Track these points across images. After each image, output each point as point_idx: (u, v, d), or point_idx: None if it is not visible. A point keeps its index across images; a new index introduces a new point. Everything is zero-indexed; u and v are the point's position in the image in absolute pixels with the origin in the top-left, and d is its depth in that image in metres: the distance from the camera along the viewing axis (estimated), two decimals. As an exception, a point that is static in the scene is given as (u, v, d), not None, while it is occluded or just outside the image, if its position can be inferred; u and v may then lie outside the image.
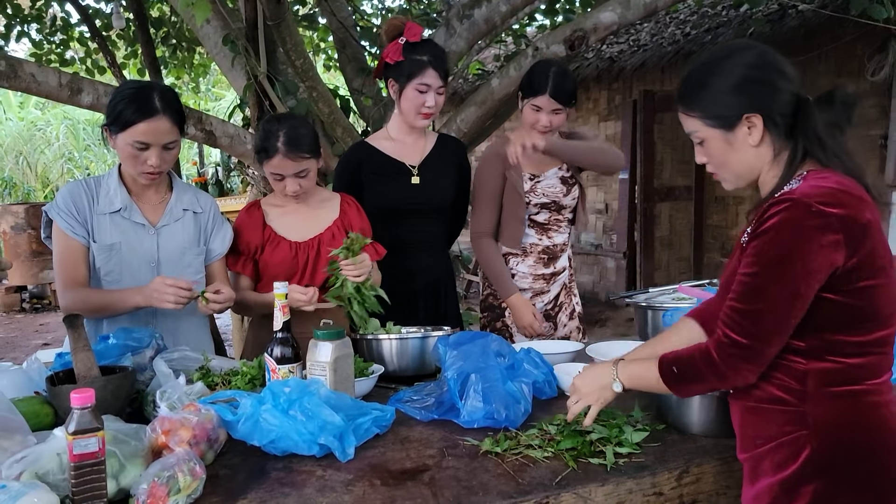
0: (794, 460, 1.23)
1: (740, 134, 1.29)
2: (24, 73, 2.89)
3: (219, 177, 6.87)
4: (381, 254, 2.25)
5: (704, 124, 1.33)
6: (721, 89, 1.29)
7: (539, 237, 2.58)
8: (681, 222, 6.85)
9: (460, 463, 1.41)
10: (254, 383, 1.73)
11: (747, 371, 1.24)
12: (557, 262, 2.62)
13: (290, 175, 2.09)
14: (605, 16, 3.30)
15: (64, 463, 1.20)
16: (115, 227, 1.98)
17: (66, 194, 1.97)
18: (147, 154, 1.89)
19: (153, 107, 1.87)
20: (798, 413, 1.24)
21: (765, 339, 1.21)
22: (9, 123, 13.78)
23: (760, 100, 1.27)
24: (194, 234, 2.07)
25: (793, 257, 1.18)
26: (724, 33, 5.56)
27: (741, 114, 1.28)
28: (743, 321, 1.22)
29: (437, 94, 2.32)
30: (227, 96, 13.14)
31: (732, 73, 1.29)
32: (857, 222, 1.19)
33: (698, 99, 1.33)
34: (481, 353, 1.68)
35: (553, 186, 2.54)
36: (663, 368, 1.33)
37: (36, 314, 8.45)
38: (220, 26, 3.49)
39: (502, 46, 5.57)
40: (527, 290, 2.59)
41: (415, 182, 2.39)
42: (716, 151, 1.34)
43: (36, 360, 1.75)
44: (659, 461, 1.41)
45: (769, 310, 1.20)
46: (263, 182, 3.69)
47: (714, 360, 1.25)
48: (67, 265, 1.95)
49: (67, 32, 6.12)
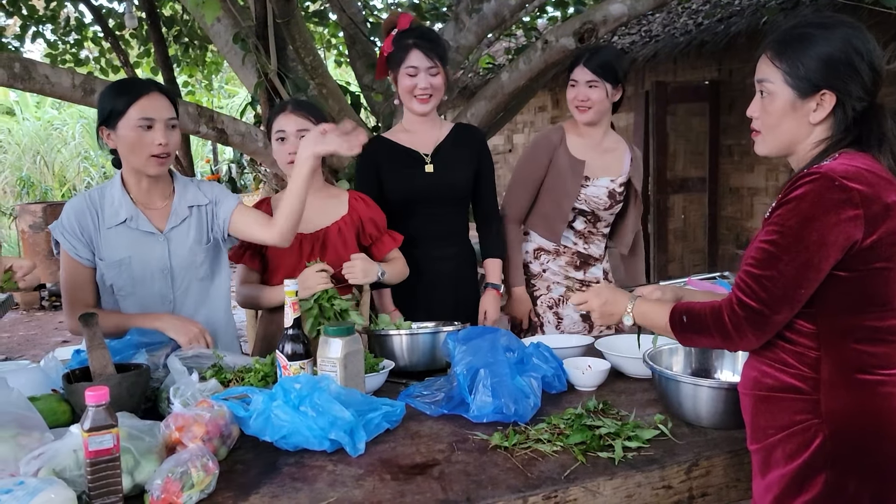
0: (805, 449, 1.24)
1: (808, 106, 1.29)
2: (38, 75, 2.92)
3: (232, 174, 6.93)
4: (399, 240, 2.28)
5: (784, 79, 1.30)
6: (816, 55, 1.27)
7: (575, 241, 2.57)
8: (695, 214, 6.80)
9: (470, 457, 1.42)
10: (266, 380, 1.75)
11: (752, 335, 1.26)
12: (590, 271, 2.59)
13: (292, 132, 2.13)
14: (614, 7, 3.28)
15: (80, 459, 1.22)
16: (122, 239, 1.96)
17: (70, 213, 1.96)
18: (153, 134, 1.88)
19: (146, 84, 1.95)
20: (811, 401, 1.25)
21: (773, 305, 1.23)
22: (26, 123, 13.93)
23: (842, 82, 1.26)
24: (200, 229, 2.05)
25: (810, 227, 1.19)
26: (736, 22, 5.50)
27: (820, 87, 1.27)
28: (755, 285, 1.24)
29: (428, 76, 2.30)
30: (240, 93, 13.19)
31: (833, 45, 1.26)
32: (880, 201, 1.19)
33: (792, 54, 1.29)
34: (490, 347, 1.69)
35: (597, 196, 2.50)
36: (674, 315, 1.37)
37: (55, 312, 8.55)
38: (230, 24, 3.52)
39: (512, 39, 5.55)
40: (560, 287, 2.57)
41: (428, 170, 2.39)
42: (775, 109, 1.32)
43: (53, 358, 1.78)
44: (668, 454, 1.42)
45: (781, 276, 1.21)
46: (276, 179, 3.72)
47: (722, 319, 1.27)
48: (74, 288, 1.97)
49: (81, 32, 6.19)
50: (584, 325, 2.57)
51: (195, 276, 2.04)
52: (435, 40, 2.36)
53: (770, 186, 5.97)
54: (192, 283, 2.04)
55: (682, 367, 1.74)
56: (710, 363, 1.75)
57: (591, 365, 1.84)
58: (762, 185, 6.05)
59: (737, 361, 1.71)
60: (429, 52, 2.29)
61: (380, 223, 2.28)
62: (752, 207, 6.32)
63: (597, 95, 2.39)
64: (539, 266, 2.60)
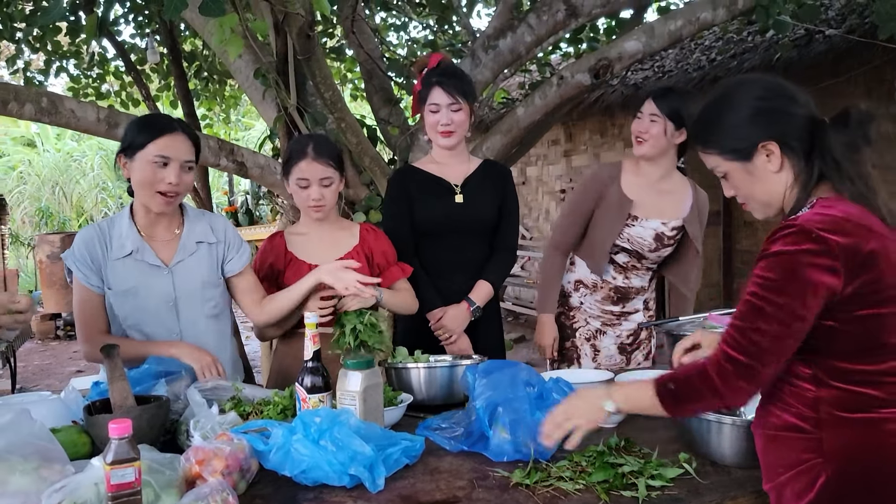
0: (811, 488, 1.23)
1: (759, 162, 1.32)
2: (65, 109, 2.98)
3: (249, 206, 6.98)
4: (408, 272, 2.28)
5: (724, 159, 1.36)
6: (733, 123, 1.33)
7: (615, 275, 2.55)
8: (710, 247, 6.77)
9: (491, 495, 1.40)
10: (285, 413, 1.75)
11: (743, 390, 1.25)
12: (629, 303, 2.58)
13: (315, 180, 2.14)
14: (629, 44, 3.32)
15: (101, 493, 1.22)
16: (128, 271, 1.97)
17: (80, 242, 1.98)
18: (166, 172, 1.91)
19: (172, 123, 1.97)
20: (815, 440, 1.24)
21: (761, 358, 1.23)
22: (46, 155, 14.20)
23: (774, 127, 1.30)
24: (210, 267, 2.05)
25: (790, 279, 1.21)
26: (749, 59, 5.54)
27: (757, 143, 1.31)
28: (742, 339, 1.24)
29: (450, 112, 2.34)
30: (256, 126, 13.41)
31: (742, 105, 1.32)
32: (860, 251, 1.20)
33: (713, 135, 1.36)
34: (510, 382, 1.68)
35: (642, 237, 2.48)
36: (659, 388, 1.32)
37: (70, 341, 8.60)
38: (251, 60, 3.59)
39: (527, 74, 5.62)
40: (596, 321, 2.56)
41: (458, 200, 2.41)
42: (740, 183, 1.37)
43: (73, 390, 1.79)
44: (693, 494, 1.39)
45: (767, 329, 1.22)
46: (293, 211, 3.75)
47: (710, 377, 1.25)
48: (88, 315, 1.99)
49: (104, 67, 6.32)
50: (621, 357, 2.56)
51: (202, 312, 2.04)
52: (458, 77, 2.41)
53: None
54: (199, 319, 2.04)
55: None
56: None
57: (612, 401, 1.82)
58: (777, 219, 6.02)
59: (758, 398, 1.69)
60: (450, 88, 2.34)
61: (389, 255, 2.29)
62: (767, 241, 6.29)
63: (656, 130, 2.41)
64: (578, 298, 2.60)
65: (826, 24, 4.97)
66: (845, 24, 4.94)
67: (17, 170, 13.89)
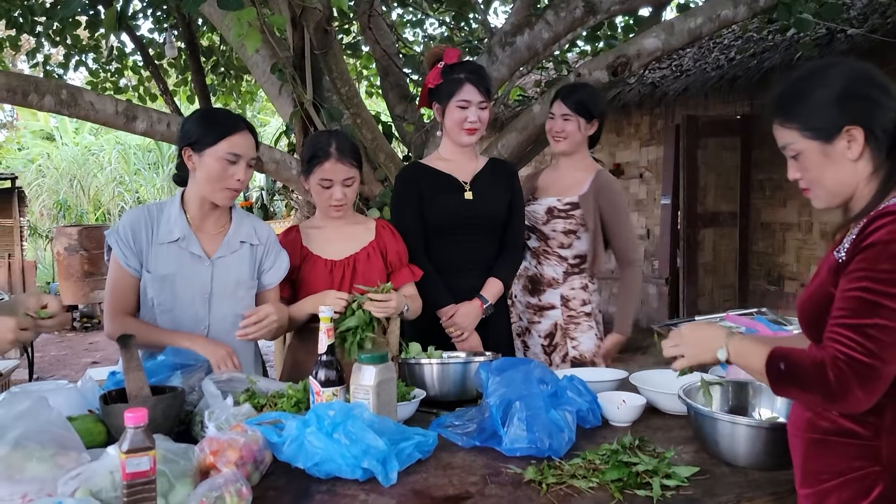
0: (864, 498, 1.18)
1: (839, 147, 1.25)
2: (84, 102, 3.01)
3: (263, 201, 7.02)
4: (417, 275, 2.28)
5: (802, 136, 1.28)
6: (822, 100, 1.26)
7: (530, 261, 2.64)
8: (725, 249, 6.72)
9: (503, 491, 1.40)
10: (299, 406, 1.75)
11: (860, 392, 1.13)
12: (544, 296, 2.59)
13: (338, 181, 2.15)
14: (648, 42, 3.30)
15: (116, 481, 1.23)
16: (171, 257, 2.00)
17: (127, 223, 2.01)
18: (235, 169, 1.95)
19: (239, 121, 2.01)
20: (871, 448, 1.19)
21: (883, 354, 1.13)
22: (65, 148, 14.32)
23: (863, 114, 1.24)
24: (249, 268, 2.08)
25: None
26: (769, 58, 5.49)
27: (842, 126, 1.24)
28: (860, 338, 1.13)
29: (479, 109, 2.34)
30: (271, 122, 13.45)
31: (835, 84, 1.26)
32: None
33: (797, 110, 1.28)
34: (524, 379, 1.68)
35: (536, 212, 2.60)
36: (772, 361, 1.23)
37: (86, 333, 8.70)
38: (268, 55, 3.60)
39: (543, 72, 5.60)
40: (525, 316, 2.63)
41: (468, 197, 2.41)
42: (812, 165, 1.29)
43: (90, 379, 1.80)
44: (708, 494, 1.38)
45: (887, 325, 1.12)
46: (308, 206, 3.76)
47: (827, 376, 1.15)
48: (118, 294, 2.00)
49: (122, 61, 6.37)
50: (545, 357, 2.57)
51: (233, 310, 2.04)
52: (485, 76, 2.42)
53: (803, 222, 5.89)
54: (228, 315, 2.04)
55: (719, 404, 1.69)
56: (747, 400, 1.71)
57: (626, 400, 1.82)
58: (795, 220, 5.97)
59: (775, 399, 1.67)
60: (480, 86, 2.34)
61: (402, 255, 2.29)
62: (784, 243, 6.24)
63: (571, 127, 2.54)
64: (514, 290, 2.68)
65: (848, 23, 4.91)
66: (867, 23, 4.89)
67: (35, 163, 14.04)
